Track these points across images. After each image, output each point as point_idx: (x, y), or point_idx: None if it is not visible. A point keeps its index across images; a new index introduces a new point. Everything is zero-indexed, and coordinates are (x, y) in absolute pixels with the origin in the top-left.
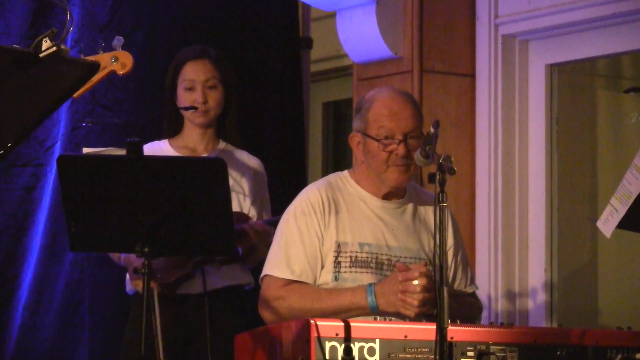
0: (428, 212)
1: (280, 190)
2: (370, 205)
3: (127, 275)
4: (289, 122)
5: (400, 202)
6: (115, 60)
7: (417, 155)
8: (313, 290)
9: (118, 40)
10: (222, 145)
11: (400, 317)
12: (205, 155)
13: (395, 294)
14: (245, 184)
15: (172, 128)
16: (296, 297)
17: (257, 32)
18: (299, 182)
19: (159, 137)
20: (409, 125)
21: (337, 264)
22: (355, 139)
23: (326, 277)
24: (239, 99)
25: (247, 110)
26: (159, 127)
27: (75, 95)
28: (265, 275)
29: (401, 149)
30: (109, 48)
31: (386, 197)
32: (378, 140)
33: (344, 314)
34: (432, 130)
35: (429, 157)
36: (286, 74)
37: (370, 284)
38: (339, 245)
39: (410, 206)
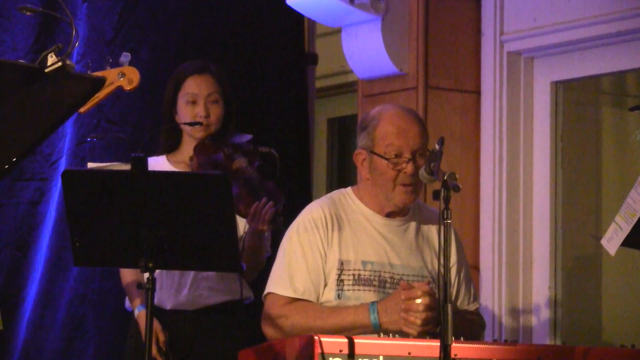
0: (431, 230)
1: (284, 206)
2: (374, 223)
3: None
4: (294, 138)
5: (403, 219)
6: (122, 76)
7: (421, 172)
8: (316, 309)
9: (125, 57)
10: None
11: (403, 334)
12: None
13: (398, 313)
14: None
15: (169, 143)
16: (299, 316)
17: (263, 48)
18: (304, 198)
19: (156, 153)
20: (417, 143)
21: (340, 282)
22: (360, 156)
23: (329, 295)
24: (239, 115)
25: (252, 126)
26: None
27: (82, 110)
28: (269, 293)
29: (409, 168)
30: (116, 64)
31: (389, 215)
32: (387, 159)
33: (347, 332)
34: (436, 147)
35: (434, 174)
36: (291, 89)
37: (372, 302)
38: (341, 263)
39: (413, 224)
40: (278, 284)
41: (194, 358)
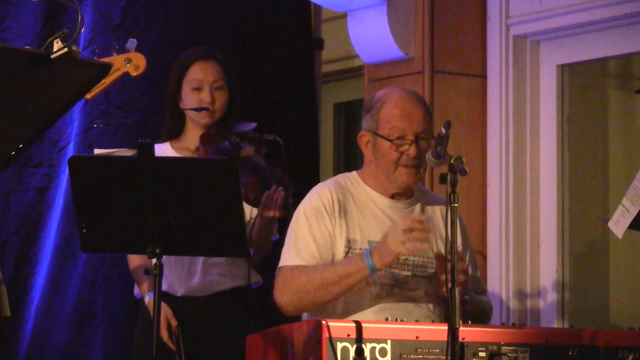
0: (435, 213)
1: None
2: (379, 204)
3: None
4: (301, 124)
5: (408, 202)
6: (129, 62)
7: (428, 156)
8: (315, 267)
9: (131, 43)
10: None
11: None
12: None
13: (386, 245)
14: None
15: (173, 130)
16: (300, 275)
17: (269, 33)
18: (312, 183)
19: (159, 140)
20: (420, 126)
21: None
22: (364, 138)
23: None
24: (242, 101)
25: (259, 112)
26: None
27: (88, 96)
28: (279, 268)
29: (412, 150)
30: (122, 50)
31: (394, 196)
32: (390, 141)
33: (346, 280)
34: (443, 130)
35: (440, 158)
36: (298, 75)
37: (366, 250)
38: (349, 242)
39: (418, 206)
40: (286, 258)
41: (205, 344)
